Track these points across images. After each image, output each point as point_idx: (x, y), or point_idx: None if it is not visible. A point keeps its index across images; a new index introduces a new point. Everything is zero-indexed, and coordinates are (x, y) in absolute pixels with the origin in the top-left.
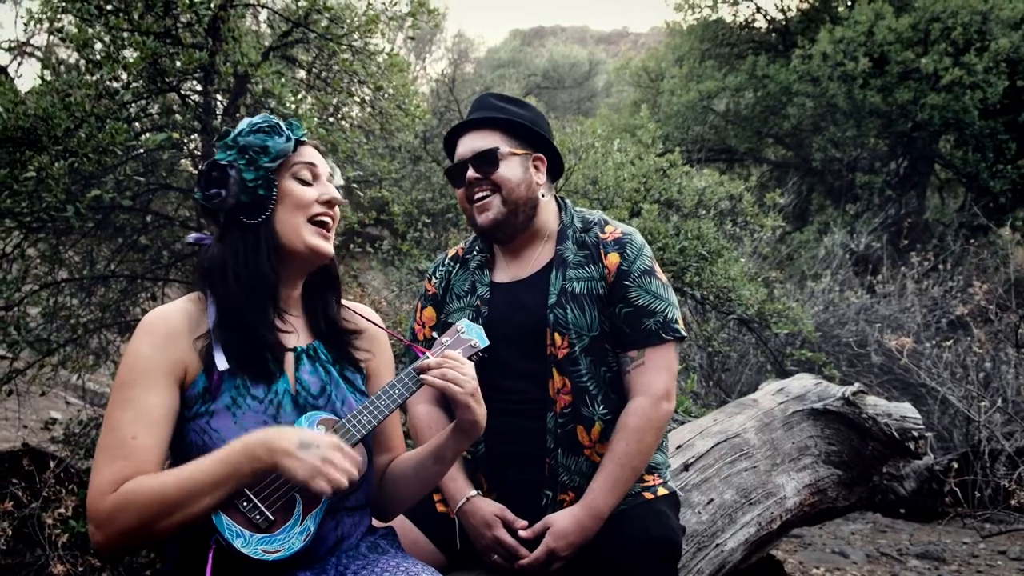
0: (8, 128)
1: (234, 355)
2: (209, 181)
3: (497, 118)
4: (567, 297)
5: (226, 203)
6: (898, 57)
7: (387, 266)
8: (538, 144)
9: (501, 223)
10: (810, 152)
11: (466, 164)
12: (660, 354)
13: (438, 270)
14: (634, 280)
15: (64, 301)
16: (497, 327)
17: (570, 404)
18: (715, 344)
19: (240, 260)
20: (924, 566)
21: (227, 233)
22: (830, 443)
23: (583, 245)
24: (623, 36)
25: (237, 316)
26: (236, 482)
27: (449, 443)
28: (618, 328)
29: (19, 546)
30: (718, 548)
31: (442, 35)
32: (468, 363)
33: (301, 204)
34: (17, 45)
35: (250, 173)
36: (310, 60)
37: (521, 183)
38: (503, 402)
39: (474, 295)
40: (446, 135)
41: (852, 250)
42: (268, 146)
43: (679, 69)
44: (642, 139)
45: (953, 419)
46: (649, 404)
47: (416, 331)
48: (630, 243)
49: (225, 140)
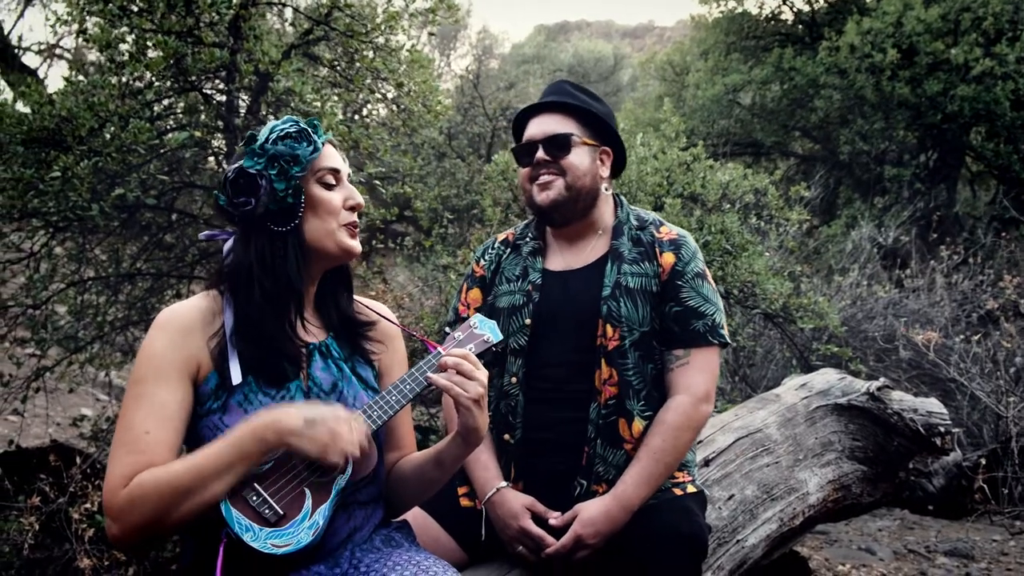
0: (34, 129)
1: (250, 364)
2: (237, 189)
3: (575, 105)
4: (621, 290)
5: (255, 212)
6: (927, 48)
7: (412, 262)
8: (606, 138)
9: (560, 205)
10: (837, 145)
11: (536, 145)
12: (704, 356)
13: (487, 252)
14: (687, 281)
15: (91, 299)
16: (548, 314)
17: (615, 396)
18: (740, 339)
19: (267, 267)
20: (952, 563)
21: (252, 237)
22: (854, 439)
23: (638, 242)
24: (648, 30)
25: (258, 327)
26: (246, 465)
27: (450, 449)
28: (667, 327)
29: (47, 540)
30: (739, 544)
31: (466, 31)
32: (483, 371)
33: (332, 211)
34: (47, 48)
35: (281, 183)
36: (332, 58)
37: (587, 173)
38: (545, 391)
39: (526, 280)
40: (518, 113)
41: (880, 244)
42: (298, 155)
43: (704, 63)
44: (666, 133)
45: (983, 415)
46: (690, 403)
47: (460, 311)
48: (685, 245)
49: (252, 147)
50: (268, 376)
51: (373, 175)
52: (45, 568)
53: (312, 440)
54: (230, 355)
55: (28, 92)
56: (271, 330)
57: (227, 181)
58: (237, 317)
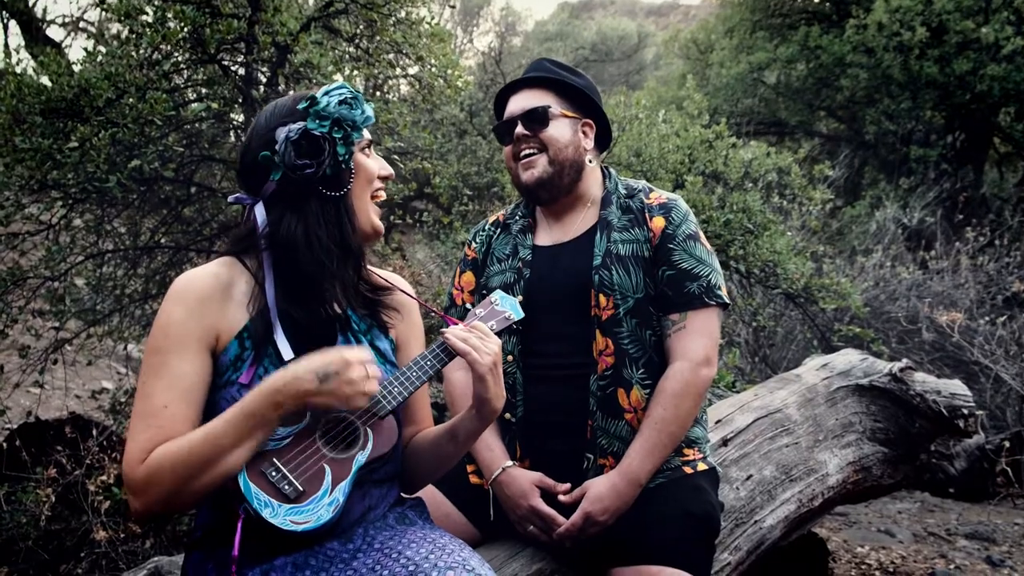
0: (53, 99)
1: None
2: (300, 151)
3: (550, 78)
4: (612, 258)
5: (315, 175)
6: (957, 27)
7: (432, 239)
8: (589, 111)
9: (545, 182)
10: (863, 125)
11: (515, 121)
12: (702, 319)
13: (478, 235)
14: (679, 244)
15: (110, 271)
16: (539, 289)
17: (612, 366)
18: (760, 319)
19: (328, 232)
20: (973, 546)
21: (303, 203)
22: (875, 420)
23: (627, 210)
24: (673, 8)
25: (317, 289)
26: (264, 432)
27: (464, 424)
28: (662, 292)
29: (64, 512)
30: (756, 525)
31: (489, 8)
32: (495, 339)
33: (370, 179)
34: (72, 21)
35: (343, 148)
36: (352, 32)
37: (569, 145)
38: (544, 367)
39: (516, 258)
40: (498, 93)
41: (905, 225)
42: (357, 120)
43: (729, 41)
44: (688, 111)
45: (1007, 398)
46: (688, 369)
47: (454, 296)
48: (675, 207)
49: (316, 108)
50: (316, 346)
51: (392, 150)
52: (62, 539)
53: (332, 394)
54: (275, 329)
55: (47, 62)
56: (328, 295)
57: (289, 142)
58: (286, 281)
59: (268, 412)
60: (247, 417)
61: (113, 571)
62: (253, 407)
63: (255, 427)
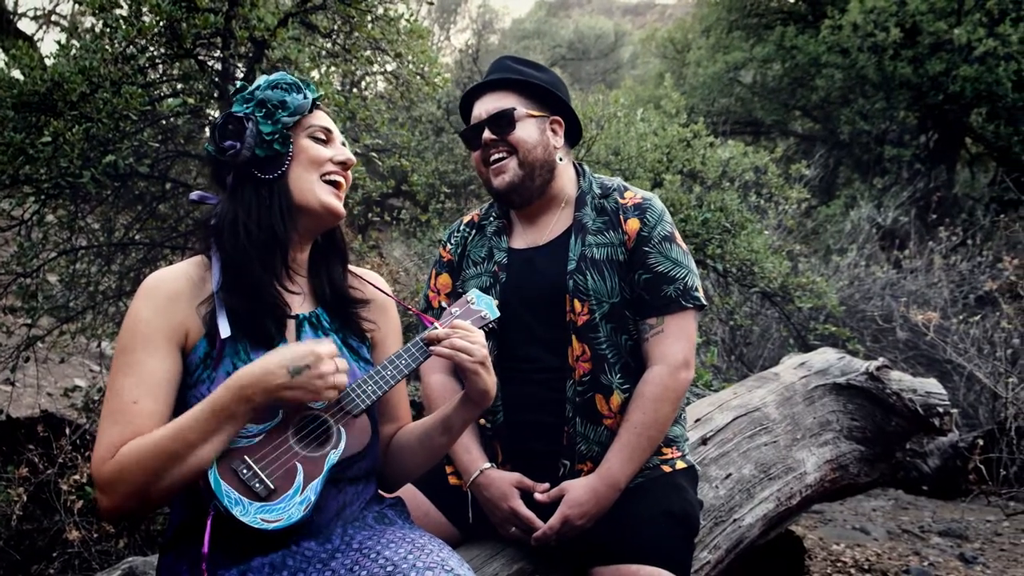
0: (25, 93)
1: (237, 319)
2: (224, 133)
3: (514, 79)
4: (587, 263)
5: (240, 156)
6: (930, 28)
7: (408, 237)
8: (556, 108)
9: (517, 186)
10: (838, 125)
11: (482, 125)
12: (679, 322)
13: (453, 236)
14: (654, 246)
15: (83, 268)
16: (515, 294)
17: (589, 372)
18: (737, 318)
19: (252, 216)
20: (946, 543)
21: (238, 189)
22: (852, 418)
23: (602, 211)
24: (650, 7)
25: (244, 275)
26: (233, 427)
27: (457, 413)
28: (638, 295)
29: (36, 512)
30: (735, 523)
31: (466, 5)
32: (478, 332)
33: (317, 161)
34: (44, 14)
35: (267, 126)
36: (330, 28)
37: (538, 145)
38: (521, 371)
39: (491, 261)
40: (462, 98)
41: (879, 224)
42: (287, 101)
43: (706, 40)
44: (666, 109)
45: (979, 396)
46: (667, 372)
47: (430, 298)
48: (650, 208)
49: (242, 93)
50: (254, 333)
51: (369, 146)
52: (34, 540)
53: (302, 387)
54: (218, 312)
55: (19, 56)
56: (257, 277)
57: (215, 127)
58: (223, 268)
59: (237, 406)
60: (216, 412)
61: (86, 571)
62: (222, 402)
63: (224, 422)
